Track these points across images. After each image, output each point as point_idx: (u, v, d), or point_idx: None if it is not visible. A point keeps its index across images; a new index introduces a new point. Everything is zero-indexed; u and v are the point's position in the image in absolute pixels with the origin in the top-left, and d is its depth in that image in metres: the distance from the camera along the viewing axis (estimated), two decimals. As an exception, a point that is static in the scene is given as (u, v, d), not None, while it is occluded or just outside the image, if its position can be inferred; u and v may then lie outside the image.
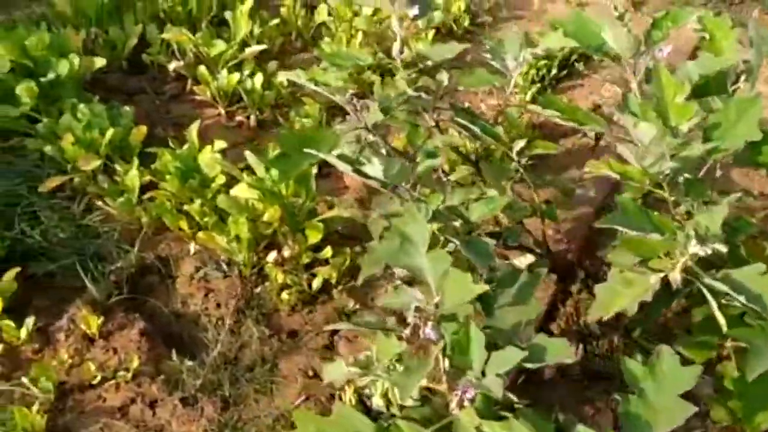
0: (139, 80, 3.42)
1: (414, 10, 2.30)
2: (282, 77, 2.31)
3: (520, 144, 1.94)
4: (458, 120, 2.03)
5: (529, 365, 1.30)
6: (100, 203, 2.65)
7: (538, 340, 1.35)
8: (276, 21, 3.53)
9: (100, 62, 3.00)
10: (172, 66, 3.24)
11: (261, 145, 3.10)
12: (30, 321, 2.18)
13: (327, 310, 2.35)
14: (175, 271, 2.49)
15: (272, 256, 2.40)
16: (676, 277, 1.52)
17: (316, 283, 2.35)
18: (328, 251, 2.38)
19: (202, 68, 3.15)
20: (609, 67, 3.67)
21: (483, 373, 1.28)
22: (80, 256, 2.46)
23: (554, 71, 3.60)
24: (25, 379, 2.02)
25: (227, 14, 3.45)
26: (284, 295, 2.33)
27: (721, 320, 1.54)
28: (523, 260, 1.99)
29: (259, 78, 3.11)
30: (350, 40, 3.40)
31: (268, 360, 2.21)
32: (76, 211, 2.62)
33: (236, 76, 3.10)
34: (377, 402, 1.85)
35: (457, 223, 1.60)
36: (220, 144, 2.68)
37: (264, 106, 3.15)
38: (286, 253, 2.42)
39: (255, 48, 3.24)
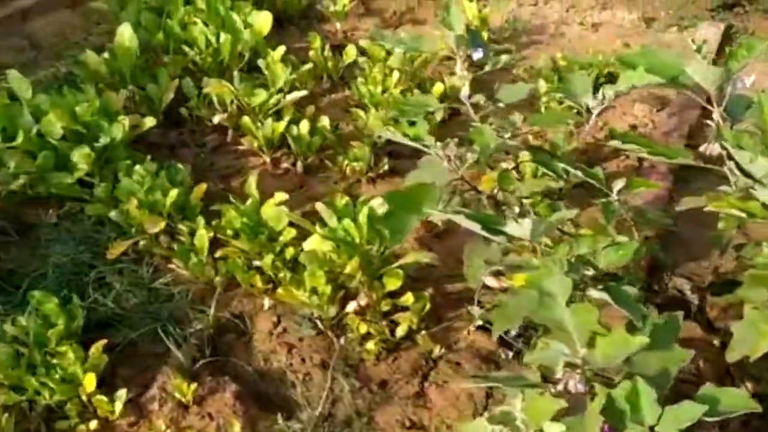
0: (179, 134, 3.43)
1: (478, 53, 2.34)
2: (378, 132, 2.29)
3: (620, 183, 1.96)
4: (542, 160, 2.05)
5: (709, 419, 1.28)
6: (165, 262, 2.65)
7: (708, 391, 1.33)
8: (309, 65, 3.56)
9: (149, 122, 3.00)
10: (216, 119, 3.25)
11: (310, 191, 3.12)
12: (122, 393, 2.16)
13: (412, 357, 2.36)
14: (252, 328, 2.48)
15: (352, 306, 2.41)
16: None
17: (401, 331, 2.36)
18: (409, 298, 2.39)
19: (246, 119, 3.16)
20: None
21: (651, 429, 1.27)
22: (157, 321, 2.44)
23: (586, 95, 3.64)
24: (127, 455, 2.01)
25: (260, 62, 3.48)
26: (369, 345, 2.33)
27: None
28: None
29: (305, 124, 3.13)
30: (385, 79, 3.43)
31: (363, 413, 2.20)
32: (144, 274, 2.61)
33: (282, 123, 3.12)
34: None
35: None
36: (281, 196, 2.68)
37: (310, 151, 3.16)
38: (363, 301, 2.43)
39: (296, 94, 3.26)
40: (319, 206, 2.50)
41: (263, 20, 3.60)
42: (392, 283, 2.37)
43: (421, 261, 2.39)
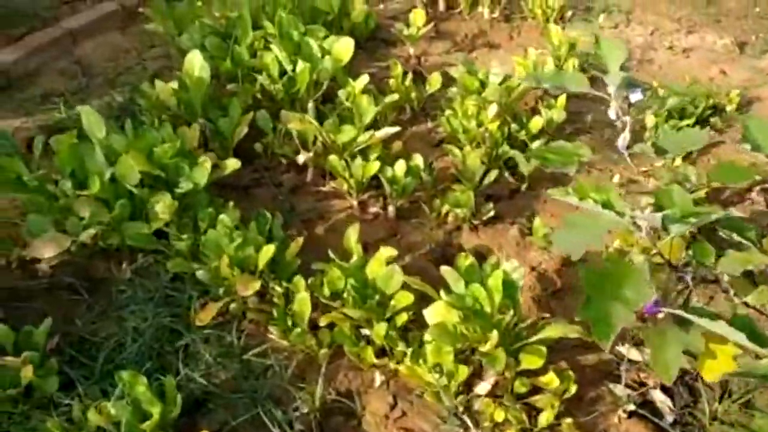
0: (252, 171, 3.12)
1: (636, 95, 2.03)
2: (553, 195, 1.96)
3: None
4: (737, 226, 1.72)
5: None
6: (257, 328, 2.34)
7: None
8: (393, 97, 3.24)
9: (232, 164, 2.69)
10: (301, 159, 2.94)
11: (404, 239, 2.80)
12: (230, 496, 1.84)
13: (558, 451, 2.03)
14: (362, 409, 2.15)
15: (483, 387, 2.08)
16: None
17: (544, 419, 2.02)
18: (552, 379, 2.05)
19: (334, 159, 2.84)
20: (734, 118, 3.42)
21: None
22: (254, 401, 2.12)
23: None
24: None
25: (341, 93, 3.17)
26: (507, 434, 2.00)
27: None
28: None
29: (401, 165, 2.81)
30: (480, 112, 3.11)
31: None
32: (235, 343, 2.29)
33: (374, 164, 2.80)
34: None
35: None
36: (388, 251, 2.36)
37: (404, 194, 2.84)
38: (491, 380, 2.10)
39: (387, 131, 2.94)
40: (445, 270, 2.17)
41: (344, 47, 3.29)
42: (531, 361, 2.04)
43: (568, 335, 2.05)
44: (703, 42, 4.23)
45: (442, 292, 2.16)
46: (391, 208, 2.85)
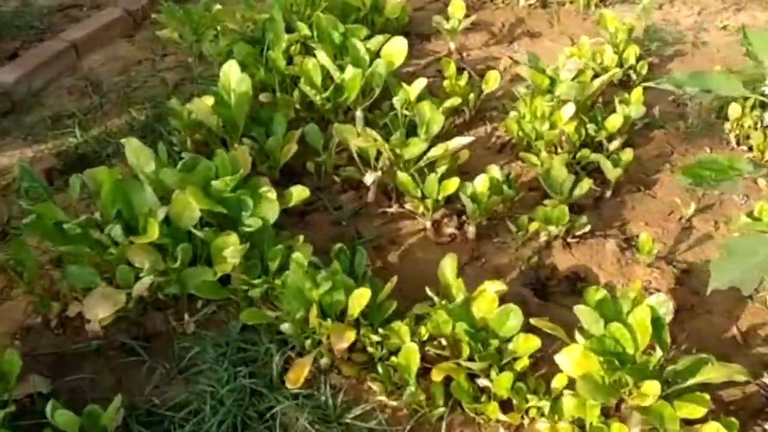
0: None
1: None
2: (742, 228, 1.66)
3: None
4: None
5: None
6: (349, 383, 2.03)
7: None
8: (453, 100, 2.93)
9: (300, 194, 2.36)
10: (369, 179, 2.61)
11: (488, 262, 2.50)
12: None
13: None
14: (490, 474, 1.86)
15: (637, 444, 1.80)
16: None
17: (712, 478, 1.75)
18: (715, 429, 1.78)
19: (405, 177, 2.53)
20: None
21: None
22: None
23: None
24: None
25: (396, 101, 2.84)
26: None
27: None
28: None
29: (483, 180, 2.50)
30: (553, 112, 2.81)
31: None
32: (330, 404, 1.97)
33: (454, 180, 2.49)
34: None
35: None
36: (496, 286, 2.06)
37: (486, 212, 2.53)
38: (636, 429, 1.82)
39: (459, 141, 2.63)
40: (581, 310, 1.87)
41: (397, 48, 2.97)
42: (691, 411, 1.76)
43: (735, 378, 1.78)
44: (755, 20, 3.98)
45: (576, 335, 1.88)
46: (471, 228, 2.55)
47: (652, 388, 1.70)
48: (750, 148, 2.93)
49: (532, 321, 1.92)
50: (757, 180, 2.73)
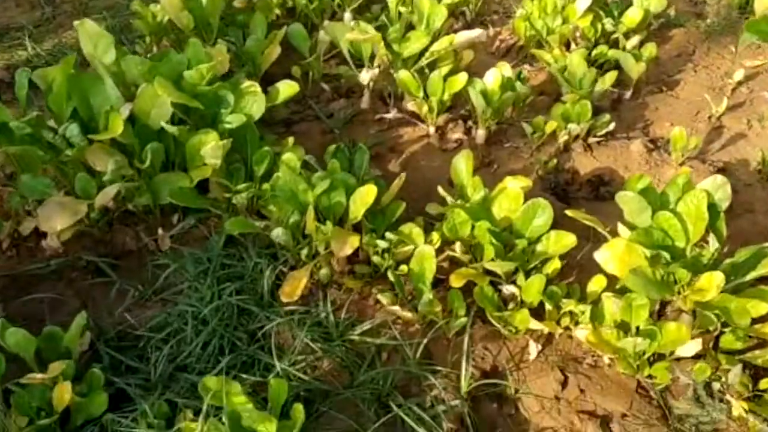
0: (291, 102, 2.47)
1: None
2: None
3: None
4: None
5: None
6: (350, 297, 1.76)
7: None
8: (453, -3, 2.62)
9: (289, 89, 2.05)
10: (365, 77, 2.30)
11: (501, 168, 2.23)
12: None
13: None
14: (520, 389, 1.61)
15: (691, 347, 1.55)
16: None
17: (777, 382, 1.52)
18: (782, 328, 1.54)
19: (406, 74, 2.23)
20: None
21: None
22: (376, 394, 1.56)
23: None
24: None
25: (390, -3, 2.53)
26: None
27: None
28: None
29: (494, 74, 2.21)
30: (566, 6, 2.52)
31: None
32: (332, 320, 1.70)
33: (460, 77, 2.20)
34: None
35: None
36: (521, 181, 1.79)
37: (498, 114, 2.25)
38: (698, 338, 1.58)
39: (468, 34, 2.32)
40: (623, 197, 1.61)
41: (387, -61, 2.63)
42: (755, 306, 1.51)
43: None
44: None
45: (620, 227, 1.62)
46: (480, 132, 2.27)
47: (712, 280, 1.45)
48: (779, 44, 2.67)
49: (568, 212, 1.66)
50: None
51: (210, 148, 1.72)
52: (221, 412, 1.37)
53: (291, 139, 1.97)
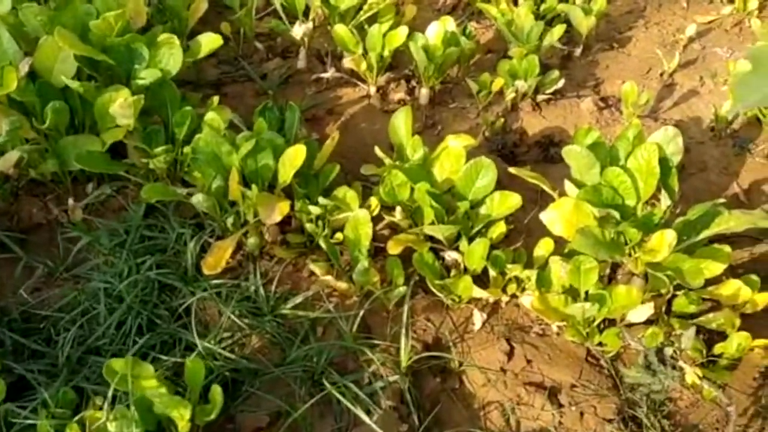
0: (221, 63, 2.29)
1: None
2: None
3: None
4: None
5: None
6: (283, 268, 1.62)
7: None
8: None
9: (212, 41, 1.87)
10: (298, 31, 2.13)
11: (446, 129, 2.10)
12: None
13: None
14: (461, 359, 1.51)
15: (642, 312, 1.46)
16: None
17: (733, 347, 1.44)
18: (733, 289, 1.46)
19: (343, 29, 2.07)
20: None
21: None
22: (309, 372, 1.44)
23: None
24: None
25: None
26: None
27: None
28: None
29: (436, 29, 2.07)
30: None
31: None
32: (261, 294, 1.57)
33: (400, 31, 2.05)
34: None
35: None
36: (464, 139, 1.67)
37: (440, 72, 2.11)
38: (650, 302, 1.49)
39: (408, -13, 2.17)
40: (569, 151, 1.50)
41: None
42: (708, 266, 1.43)
43: (759, 224, 1.45)
44: None
45: (566, 184, 1.52)
46: (423, 92, 2.13)
47: (664, 239, 1.36)
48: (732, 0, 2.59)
49: (511, 170, 1.54)
50: (742, 28, 2.41)
51: (118, 105, 1.54)
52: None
53: (216, 98, 1.80)
